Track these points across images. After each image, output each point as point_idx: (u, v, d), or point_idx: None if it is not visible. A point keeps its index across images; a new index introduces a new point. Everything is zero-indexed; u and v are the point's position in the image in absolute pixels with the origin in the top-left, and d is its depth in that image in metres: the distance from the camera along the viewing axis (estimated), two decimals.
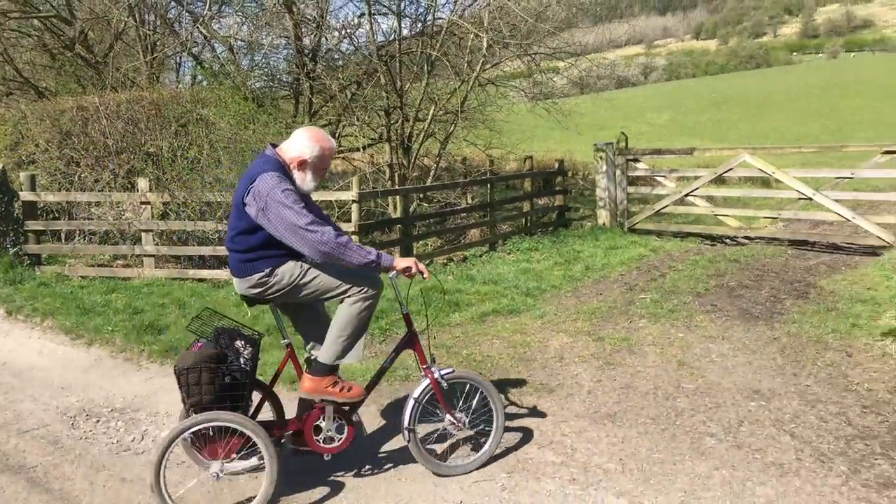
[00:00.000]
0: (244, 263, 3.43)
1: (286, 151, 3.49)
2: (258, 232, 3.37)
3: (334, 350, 3.51)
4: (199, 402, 3.30)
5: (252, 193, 3.30)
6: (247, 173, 3.43)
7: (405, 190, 9.36)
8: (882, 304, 6.54)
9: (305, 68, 10.26)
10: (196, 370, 3.28)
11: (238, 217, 3.41)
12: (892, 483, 3.59)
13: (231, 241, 3.47)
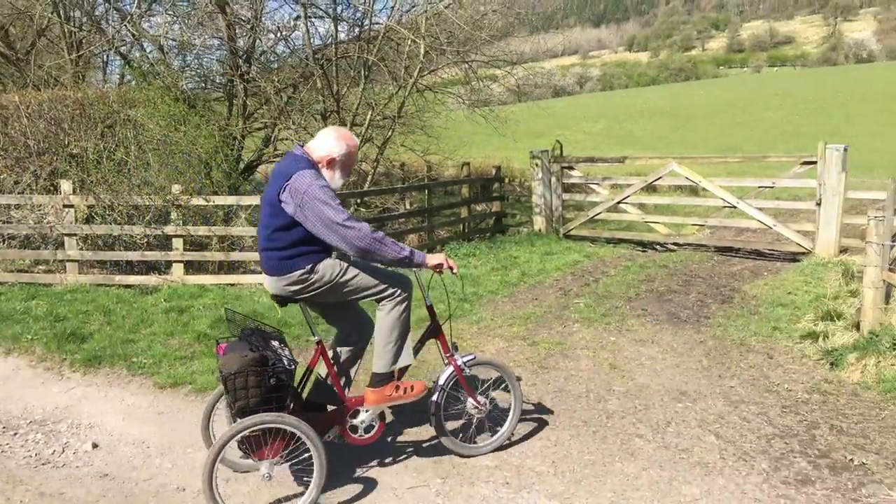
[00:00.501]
0: (283, 261, 3.45)
1: (314, 151, 3.57)
2: (295, 228, 3.41)
3: (386, 358, 3.62)
4: (246, 405, 3.32)
5: (288, 190, 3.36)
6: (277, 172, 3.49)
7: (342, 195, 9.28)
8: (801, 308, 6.85)
9: (239, 70, 10.06)
10: (243, 374, 3.29)
11: (272, 215, 3.44)
12: (810, 480, 3.75)
13: (267, 240, 3.48)
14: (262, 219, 3.54)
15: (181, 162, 8.75)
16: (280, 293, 3.54)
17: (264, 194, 3.53)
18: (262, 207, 3.55)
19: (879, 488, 3.64)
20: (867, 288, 5.42)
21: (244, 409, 3.32)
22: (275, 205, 3.42)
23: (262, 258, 3.55)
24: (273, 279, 3.51)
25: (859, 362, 5.20)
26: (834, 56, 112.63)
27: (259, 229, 3.57)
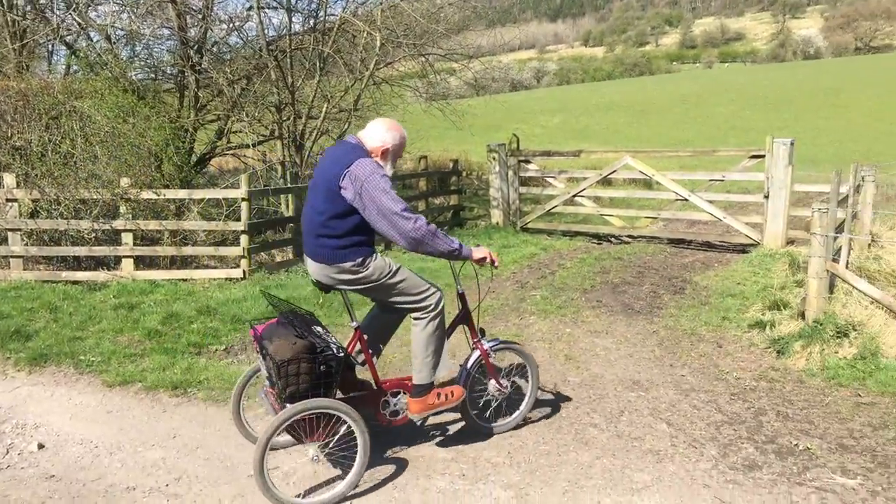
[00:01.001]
0: (336, 250, 3.48)
1: (368, 141, 3.61)
2: (350, 216, 3.45)
3: (426, 371, 3.75)
4: (296, 391, 3.37)
5: (349, 177, 3.39)
6: (334, 159, 3.52)
7: (298, 188, 9.18)
8: (749, 298, 7.03)
9: (190, 61, 9.85)
10: (296, 361, 3.33)
11: (329, 200, 3.45)
12: (757, 465, 3.86)
13: (322, 227, 3.49)
14: (314, 204, 3.55)
15: (130, 154, 8.53)
16: (325, 281, 3.59)
17: (317, 180, 3.57)
18: (313, 193, 3.59)
19: (823, 472, 3.77)
20: (812, 278, 5.59)
21: (295, 395, 3.37)
22: (333, 191, 3.44)
23: (310, 244, 3.57)
24: (320, 266, 3.55)
25: (804, 350, 5.37)
26: (782, 52, 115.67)
27: (309, 215, 3.58)
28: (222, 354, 5.75)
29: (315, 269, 3.59)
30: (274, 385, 3.51)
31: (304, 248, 3.65)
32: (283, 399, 3.40)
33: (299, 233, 8.96)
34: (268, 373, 3.58)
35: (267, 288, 7.46)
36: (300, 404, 3.34)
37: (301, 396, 3.38)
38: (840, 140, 28.59)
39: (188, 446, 4.14)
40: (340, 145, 3.66)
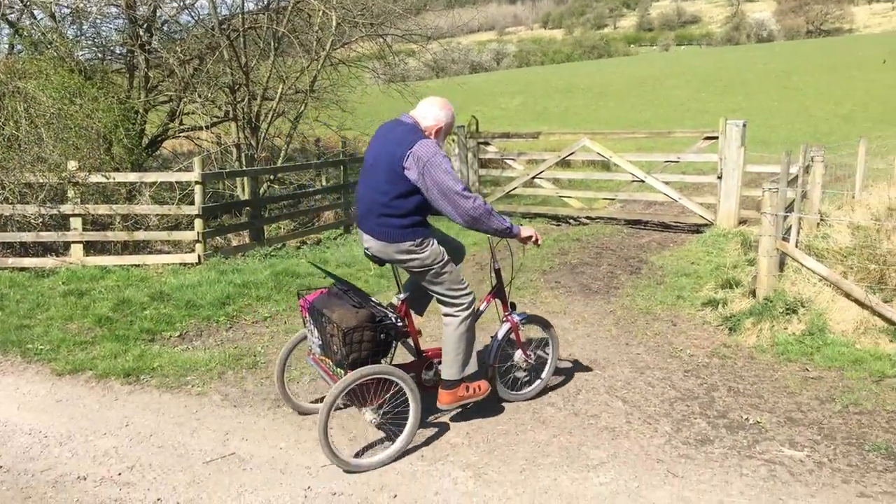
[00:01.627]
0: (399, 230, 3.62)
1: (423, 119, 3.72)
2: (413, 196, 3.57)
3: (455, 368, 3.86)
4: (358, 357, 3.53)
5: (412, 158, 3.50)
6: (394, 139, 3.62)
7: (253, 171, 9.02)
8: (703, 277, 7.17)
9: (140, 40, 9.55)
10: (360, 329, 3.49)
11: (393, 181, 3.55)
12: (709, 439, 3.95)
13: (386, 206, 3.59)
14: (375, 185, 3.64)
15: (77, 137, 8.26)
16: (382, 256, 3.74)
17: (377, 160, 3.66)
18: (372, 173, 3.68)
19: (772, 444, 3.87)
20: (762, 257, 5.72)
21: (356, 361, 3.53)
22: (396, 171, 3.54)
23: (371, 222, 3.68)
24: (381, 244, 3.67)
25: (755, 327, 5.50)
26: (737, 35, 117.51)
27: (369, 195, 3.68)
28: (176, 341, 5.64)
29: (375, 245, 3.71)
30: (327, 353, 3.72)
31: (362, 226, 3.77)
32: (345, 365, 3.55)
33: (256, 216, 8.84)
34: (321, 341, 3.77)
35: (222, 273, 7.34)
36: (364, 369, 3.52)
37: (362, 363, 3.54)
38: (792, 122, 29.23)
39: (141, 434, 4.06)
40: (397, 125, 3.74)
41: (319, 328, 3.76)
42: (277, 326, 5.99)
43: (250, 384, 4.77)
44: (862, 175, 9.67)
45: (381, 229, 3.64)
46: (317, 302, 3.76)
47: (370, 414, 3.66)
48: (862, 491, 3.39)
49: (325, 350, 3.77)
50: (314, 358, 4.00)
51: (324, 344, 3.75)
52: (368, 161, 3.77)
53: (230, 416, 4.29)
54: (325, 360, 3.85)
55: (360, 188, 3.81)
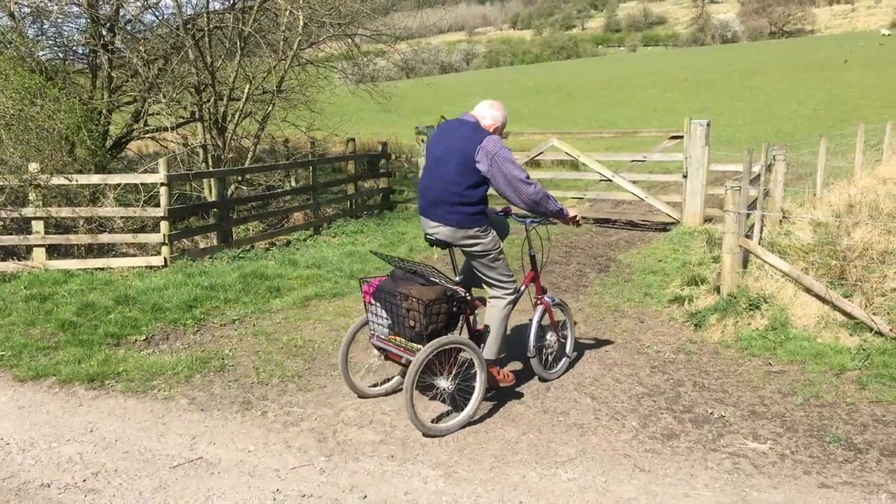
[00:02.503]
0: (469, 216, 4.06)
1: (483, 119, 4.20)
2: (481, 186, 4.05)
3: (494, 348, 4.22)
4: (436, 329, 3.87)
5: (482, 152, 3.99)
6: (462, 136, 4.08)
7: (220, 172, 8.92)
8: (670, 275, 7.27)
9: (102, 40, 9.38)
10: (438, 303, 3.84)
11: (465, 173, 4.02)
12: (675, 434, 4.01)
13: (459, 196, 4.03)
14: (445, 176, 4.06)
15: (39, 138, 8.09)
16: (448, 241, 4.13)
17: (446, 154, 4.08)
18: (442, 166, 4.08)
19: (736, 438, 3.95)
20: (726, 254, 5.82)
21: (434, 333, 3.86)
22: (469, 164, 4.00)
23: (441, 210, 4.08)
24: (451, 230, 4.09)
25: (720, 323, 5.60)
26: (702, 36, 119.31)
27: (440, 185, 4.08)
28: (142, 345, 5.56)
29: (444, 231, 4.11)
30: (399, 331, 4.03)
31: (429, 215, 4.16)
32: (424, 337, 3.86)
33: (223, 218, 8.75)
34: (391, 321, 4.07)
35: (189, 275, 7.25)
36: (443, 339, 3.87)
37: (438, 334, 3.87)
38: (755, 121, 29.77)
39: (106, 440, 4.00)
40: (461, 124, 4.18)
41: (389, 309, 4.07)
42: (246, 329, 5.94)
43: (218, 387, 4.72)
44: (823, 173, 9.90)
45: (453, 217, 4.07)
46: (384, 285, 4.09)
47: (444, 382, 3.99)
48: (823, 482, 3.48)
49: (397, 328, 4.06)
50: (380, 339, 4.23)
51: (394, 323, 4.06)
52: (435, 156, 4.18)
53: (197, 420, 4.24)
54: (395, 338, 4.11)
55: (427, 181, 4.20)
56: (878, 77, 41.77)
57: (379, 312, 4.16)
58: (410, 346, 3.97)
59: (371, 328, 4.28)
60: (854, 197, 8.09)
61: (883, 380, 4.56)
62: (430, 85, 19.40)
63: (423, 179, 4.26)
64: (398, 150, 18.58)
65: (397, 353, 4.09)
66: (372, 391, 4.50)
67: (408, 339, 3.99)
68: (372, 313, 4.22)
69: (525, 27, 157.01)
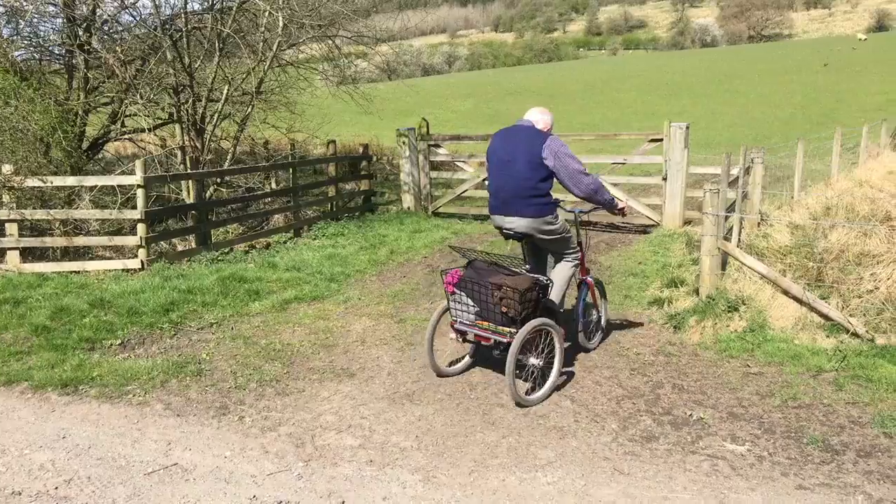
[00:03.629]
0: (543, 206, 4.65)
1: (537, 123, 4.79)
2: (549, 180, 4.64)
3: (558, 299, 4.87)
4: (529, 313, 4.40)
5: (548, 150, 4.59)
6: (525, 139, 4.67)
7: (199, 174, 8.82)
8: (650, 277, 7.30)
9: (79, 40, 9.25)
10: (530, 290, 4.37)
11: (535, 169, 4.58)
12: (654, 436, 4.02)
13: (533, 189, 4.60)
14: (516, 174, 4.61)
15: (13, 140, 7.96)
16: (526, 231, 4.68)
17: (513, 156, 4.64)
18: (511, 166, 4.63)
19: (714, 440, 3.96)
20: (704, 256, 5.86)
21: (527, 317, 4.37)
22: (538, 161, 4.58)
23: (517, 204, 4.63)
24: (528, 220, 4.64)
25: (699, 325, 5.62)
26: (682, 40, 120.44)
27: (513, 182, 4.63)
28: (117, 349, 5.48)
29: (523, 222, 4.65)
30: (487, 317, 4.50)
31: (504, 211, 4.71)
32: (518, 321, 4.34)
33: (202, 220, 8.65)
34: (478, 307, 4.53)
35: (167, 278, 7.16)
36: (535, 321, 4.37)
37: (529, 318, 4.36)
38: (734, 124, 30.06)
39: (79, 447, 3.93)
40: (521, 129, 4.77)
41: (475, 297, 4.52)
42: (224, 332, 5.87)
43: (194, 392, 4.66)
44: (800, 176, 10.01)
45: (530, 208, 4.63)
46: (469, 275, 4.56)
47: (534, 359, 4.47)
48: (800, 483, 3.49)
49: (486, 314, 4.51)
50: (463, 324, 4.67)
51: (482, 310, 4.52)
52: (503, 158, 4.70)
53: (173, 425, 4.18)
54: (483, 323, 4.54)
55: (499, 181, 4.71)
56: (854, 81, 42.39)
57: (464, 300, 4.61)
58: (500, 330, 4.45)
59: (452, 315, 4.73)
60: (831, 200, 8.18)
61: (859, 381, 4.61)
62: (412, 87, 19.33)
63: (494, 181, 4.77)
64: (380, 152, 18.54)
65: (485, 336, 4.55)
66: (449, 370, 4.92)
67: (498, 324, 4.45)
68: (455, 301, 4.67)
69: (507, 30, 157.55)
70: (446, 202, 11.54)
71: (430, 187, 11.67)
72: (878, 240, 6.08)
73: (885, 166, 13.01)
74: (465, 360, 5.05)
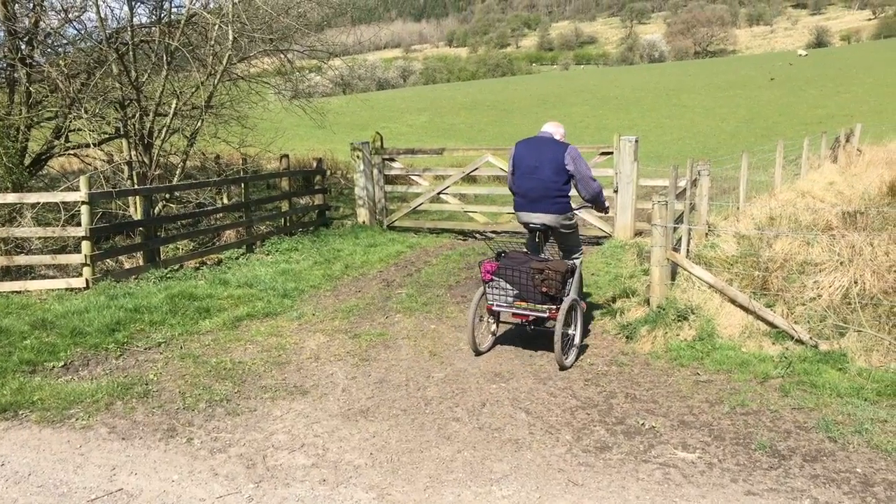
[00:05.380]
0: (566, 204, 5.59)
1: (555, 134, 5.73)
2: (568, 183, 5.55)
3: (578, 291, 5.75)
4: (566, 291, 5.37)
5: (569, 157, 5.49)
6: (550, 149, 5.57)
7: (146, 190, 8.62)
8: (602, 288, 7.39)
9: (20, 53, 8.98)
10: (567, 272, 5.35)
11: (558, 174, 5.49)
12: (607, 446, 4.05)
13: (557, 191, 5.51)
14: (543, 178, 5.50)
15: None
16: (551, 224, 5.57)
17: (539, 163, 5.52)
18: (537, 172, 5.51)
19: (666, 448, 4.01)
20: (654, 266, 5.96)
21: (564, 296, 5.31)
22: (561, 167, 5.48)
23: (544, 204, 5.53)
24: (555, 216, 5.55)
25: (650, 334, 5.71)
26: (631, 56, 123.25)
27: (540, 186, 5.52)
28: (60, 371, 5.29)
29: (549, 218, 5.55)
30: (526, 297, 5.33)
31: (532, 209, 5.60)
32: (558, 299, 5.27)
33: (150, 237, 8.45)
34: (517, 290, 5.35)
35: (113, 297, 6.95)
36: (570, 298, 5.30)
37: (564, 297, 5.29)
38: (682, 137, 30.84)
39: (19, 474, 3.77)
40: (544, 140, 5.67)
41: (514, 281, 5.34)
42: (172, 352, 5.72)
43: (140, 414, 4.52)
44: (745, 187, 10.29)
45: (555, 206, 5.53)
46: (505, 264, 5.38)
47: (570, 330, 5.42)
48: (749, 489, 3.56)
49: (524, 296, 5.34)
50: (501, 306, 5.51)
51: (522, 291, 5.34)
52: (531, 165, 5.56)
53: (118, 449, 4.05)
54: (521, 303, 5.37)
55: (528, 184, 5.57)
56: (795, 95, 43.95)
57: (502, 286, 5.42)
58: (538, 308, 5.30)
59: (489, 299, 5.53)
60: (775, 210, 8.41)
61: (804, 387, 4.73)
62: (367, 101, 19.31)
63: (523, 184, 5.60)
64: (334, 166, 18.43)
65: (524, 314, 5.42)
66: (483, 349, 5.64)
67: (537, 302, 5.28)
68: (493, 287, 5.47)
69: (461, 45, 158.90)
70: (401, 216, 11.52)
71: (385, 201, 11.64)
72: (820, 248, 6.27)
73: (825, 177, 13.48)
74: (490, 339, 5.79)
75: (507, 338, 6.04)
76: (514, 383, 5.01)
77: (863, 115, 31.27)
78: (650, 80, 63.42)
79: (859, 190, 11.65)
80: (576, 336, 5.54)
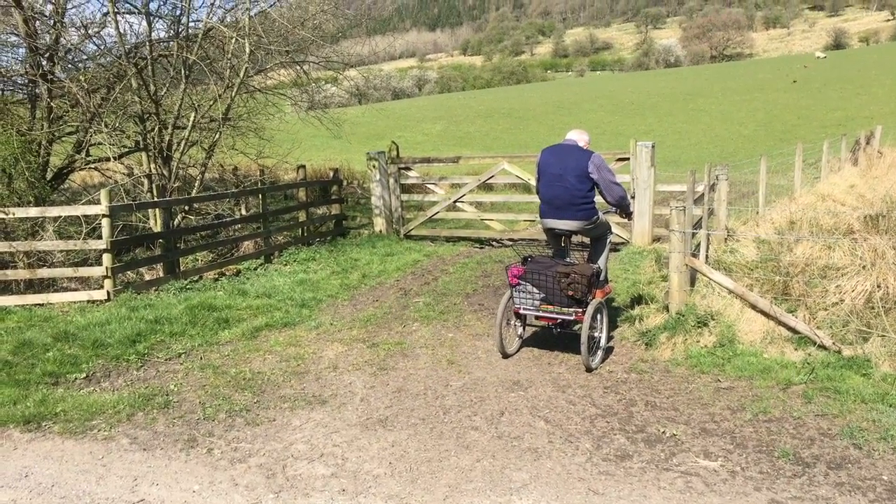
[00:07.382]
0: (591, 210, 5.64)
1: (579, 141, 5.80)
2: (592, 189, 5.63)
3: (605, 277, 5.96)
4: (591, 293, 5.44)
5: (593, 165, 5.54)
6: (574, 157, 5.63)
7: (166, 202, 8.71)
8: (621, 294, 7.34)
9: (42, 69, 9.14)
10: (594, 276, 5.42)
11: (582, 182, 5.55)
12: (628, 455, 4.01)
13: (582, 198, 5.58)
14: (568, 186, 5.55)
15: None
16: (575, 229, 5.68)
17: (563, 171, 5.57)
18: (562, 180, 5.57)
19: (688, 456, 3.97)
20: (673, 272, 5.91)
21: (590, 298, 5.39)
22: (585, 175, 5.54)
23: (572, 210, 5.58)
24: (580, 221, 5.63)
25: (669, 341, 5.66)
26: (646, 61, 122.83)
27: (565, 193, 5.57)
28: (83, 383, 5.35)
29: (574, 224, 5.64)
30: (552, 301, 5.45)
31: (558, 216, 5.66)
32: (584, 303, 5.35)
33: (169, 249, 8.53)
34: (544, 293, 5.47)
35: (133, 309, 7.03)
36: (595, 301, 5.39)
37: (588, 299, 5.36)
38: (699, 142, 30.66)
39: (42, 485, 3.81)
40: (568, 148, 5.74)
41: (540, 285, 5.46)
42: (192, 363, 5.76)
43: (161, 425, 4.56)
44: (764, 191, 10.19)
45: (581, 212, 5.59)
46: (532, 268, 5.49)
47: (596, 332, 5.50)
48: (773, 497, 3.51)
49: (551, 299, 5.46)
50: (527, 309, 5.64)
51: (548, 295, 5.46)
52: (556, 173, 5.61)
53: (139, 460, 4.08)
54: (547, 307, 5.49)
55: (554, 191, 5.63)
56: (814, 98, 43.51)
57: (529, 289, 5.53)
58: (564, 311, 5.43)
59: (516, 302, 5.65)
60: (795, 214, 8.32)
61: (827, 393, 4.66)
62: (382, 111, 19.40)
63: (548, 191, 5.67)
64: (350, 176, 18.53)
65: (550, 317, 5.59)
66: (510, 351, 5.77)
67: (563, 305, 5.41)
68: (519, 290, 5.58)
69: (475, 53, 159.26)
70: (418, 225, 11.53)
71: (401, 210, 11.67)
72: (841, 252, 6.19)
73: (846, 180, 13.31)
74: (517, 342, 5.92)
75: (526, 345, 6.01)
76: (532, 391, 4.99)
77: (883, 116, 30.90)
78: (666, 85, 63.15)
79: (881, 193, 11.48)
80: (601, 338, 5.62)
